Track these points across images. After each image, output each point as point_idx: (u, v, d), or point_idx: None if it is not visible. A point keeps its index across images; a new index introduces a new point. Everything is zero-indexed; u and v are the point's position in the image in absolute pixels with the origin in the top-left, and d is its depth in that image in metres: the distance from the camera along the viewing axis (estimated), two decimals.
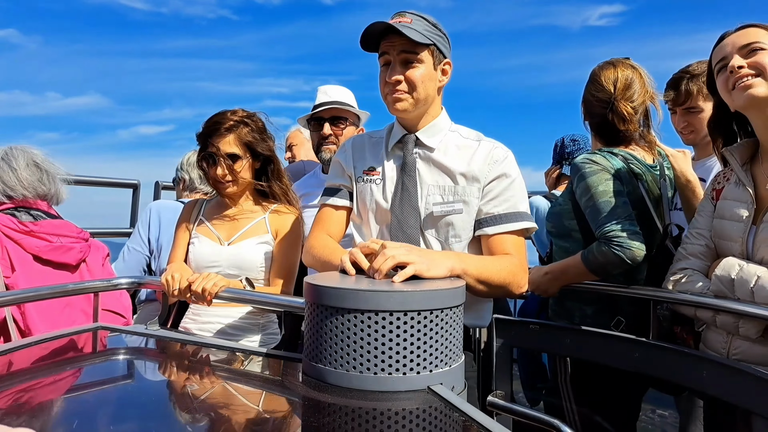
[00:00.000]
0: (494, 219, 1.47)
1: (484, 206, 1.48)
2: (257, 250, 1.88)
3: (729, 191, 1.52)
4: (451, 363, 1.02)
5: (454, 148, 1.53)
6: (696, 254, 1.55)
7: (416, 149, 1.54)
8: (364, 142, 1.64)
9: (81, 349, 1.42)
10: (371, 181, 1.56)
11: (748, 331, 1.37)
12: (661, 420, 2.47)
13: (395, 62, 1.45)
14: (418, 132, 1.54)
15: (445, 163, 1.50)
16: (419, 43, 1.42)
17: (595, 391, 1.85)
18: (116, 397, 1.10)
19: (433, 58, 1.48)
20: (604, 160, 1.78)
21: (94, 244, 1.97)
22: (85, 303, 1.81)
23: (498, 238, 1.46)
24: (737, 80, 1.39)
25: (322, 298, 1.00)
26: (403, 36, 1.40)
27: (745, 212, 1.43)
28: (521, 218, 1.47)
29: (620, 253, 1.59)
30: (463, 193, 1.47)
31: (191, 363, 1.32)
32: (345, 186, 1.61)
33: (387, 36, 1.46)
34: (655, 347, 1.55)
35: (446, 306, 1.00)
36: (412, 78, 1.45)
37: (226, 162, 1.85)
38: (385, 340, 0.96)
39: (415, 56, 1.44)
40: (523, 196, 1.50)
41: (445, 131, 1.56)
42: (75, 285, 1.60)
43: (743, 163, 1.49)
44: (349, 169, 1.61)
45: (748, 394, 1.30)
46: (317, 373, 1.01)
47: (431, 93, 1.50)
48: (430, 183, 1.50)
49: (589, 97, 1.91)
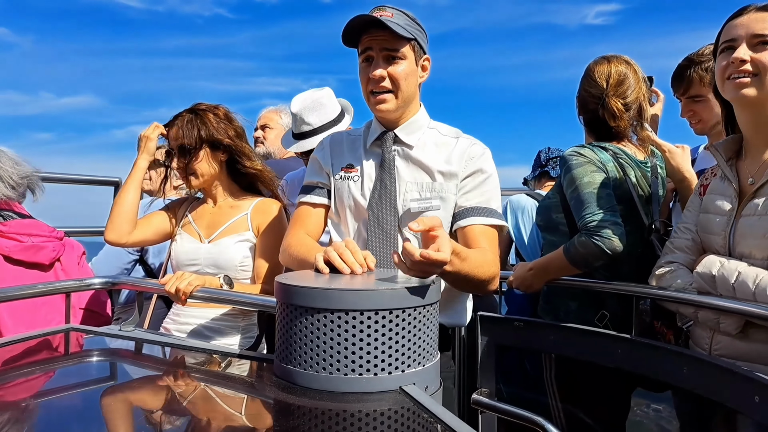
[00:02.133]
0: (468, 211, 1.47)
1: (459, 200, 1.49)
2: (237, 248, 1.84)
3: (714, 186, 1.52)
4: (424, 362, 1.00)
5: (432, 145, 1.53)
6: (682, 248, 1.55)
7: (395, 146, 1.53)
8: (342, 139, 1.63)
9: (51, 351, 1.39)
10: (349, 178, 1.55)
11: (728, 327, 1.36)
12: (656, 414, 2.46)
13: (378, 58, 1.43)
14: (396, 129, 1.53)
15: (423, 160, 1.50)
16: (402, 37, 1.40)
17: (580, 388, 1.84)
18: (86, 400, 1.07)
19: (415, 54, 1.47)
20: (592, 153, 1.77)
21: (69, 243, 1.93)
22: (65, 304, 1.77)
23: (473, 232, 1.46)
24: (734, 73, 1.36)
25: (291, 297, 0.97)
26: (386, 30, 1.38)
27: (728, 206, 1.43)
28: (494, 214, 1.48)
29: (600, 243, 1.58)
30: (440, 190, 1.48)
31: (164, 365, 1.30)
32: (323, 183, 1.60)
33: (368, 30, 1.43)
34: (637, 343, 1.54)
35: (419, 304, 0.98)
36: (395, 74, 1.44)
37: (176, 154, 1.86)
38: (355, 340, 0.94)
39: (398, 51, 1.43)
40: (496, 194, 1.51)
41: (424, 128, 1.55)
42: (45, 285, 1.56)
43: (728, 158, 1.49)
44: (327, 166, 1.60)
45: (726, 390, 1.29)
46: (288, 375, 0.99)
47: (413, 89, 1.49)
48: (409, 180, 1.50)
49: (582, 92, 1.91)
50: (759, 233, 1.33)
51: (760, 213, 1.34)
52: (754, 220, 1.35)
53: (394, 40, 1.41)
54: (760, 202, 1.35)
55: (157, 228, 1.94)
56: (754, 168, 1.42)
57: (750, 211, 1.37)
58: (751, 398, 1.19)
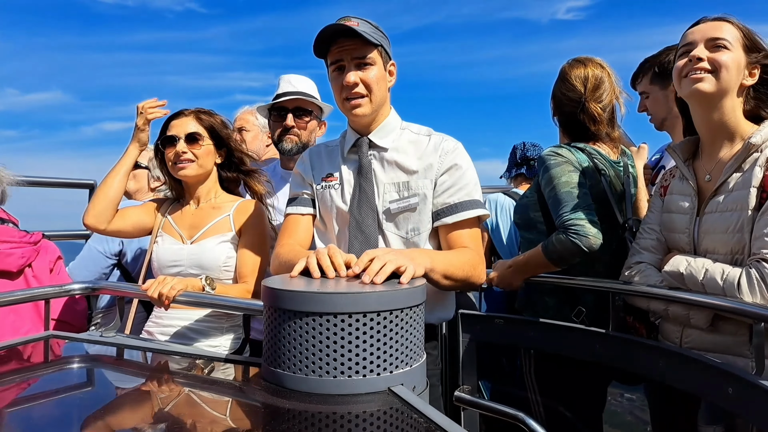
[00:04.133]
0: (451, 209, 1.51)
1: (439, 197, 1.52)
2: (219, 249, 1.84)
3: (674, 186, 1.59)
4: (411, 363, 1.02)
5: (406, 145, 1.58)
6: (648, 248, 1.60)
7: (371, 151, 1.58)
8: (320, 151, 1.69)
9: (31, 359, 1.36)
10: (330, 186, 1.60)
11: (699, 321, 1.41)
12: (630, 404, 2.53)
13: (349, 65, 1.49)
14: (370, 134, 1.58)
15: (398, 160, 1.55)
16: (371, 43, 1.46)
17: (558, 382, 1.88)
18: (68, 408, 1.06)
19: (382, 59, 1.53)
20: (569, 154, 1.82)
21: (44, 246, 1.89)
22: (34, 311, 1.73)
23: (456, 232, 1.51)
24: (691, 70, 1.42)
25: (279, 301, 0.98)
26: (356, 38, 1.45)
27: (688, 204, 1.50)
28: (476, 206, 1.52)
29: (577, 240, 1.62)
30: (416, 187, 1.52)
31: (147, 371, 1.29)
32: (308, 194, 1.65)
33: (337, 41, 1.49)
34: (614, 338, 1.58)
35: (405, 306, 0.99)
36: (368, 79, 1.49)
37: (185, 139, 1.87)
38: (344, 342, 0.95)
39: (367, 58, 1.49)
40: (475, 184, 1.55)
41: (397, 130, 1.61)
42: (24, 292, 1.53)
43: (686, 159, 1.56)
44: (308, 177, 1.65)
45: (700, 382, 1.33)
46: (276, 378, 0.99)
47: (384, 93, 1.55)
48: (386, 181, 1.54)
49: (558, 94, 1.96)
50: (721, 229, 1.39)
51: (721, 209, 1.41)
52: (716, 217, 1.41)
53: (364, 47, 1.48)
54: (720, 199, 1.41)
55: (135, 221, 1.94)
56: (710, 166, 1.48)
57: (712, 208, 1.43)
58: (725, 390, 1.24)
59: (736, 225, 1.36)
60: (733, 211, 1.37)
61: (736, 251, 1.37)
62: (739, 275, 1.31)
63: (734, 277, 1.32)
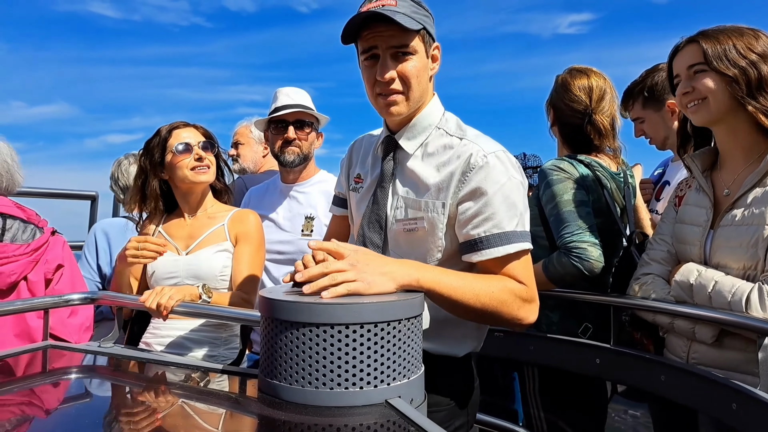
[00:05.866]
0: (475, 244, 1.21)
1: (462, 228, 1.23)
2: (216, 259, 1.85)
3: (690, 197, 1.56)
4: (409, 375, 1.00)
5: (432, 151, 1.31)
6: (658, 260, 1.58)
7: (395, 154, 1.35)
8: (361, 145, 1.50)
9: (29, 369, 1.35)
10: (356, 189, 1.44)
11: (704, 335, 1.39)
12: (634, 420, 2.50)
13: (385, 56, 1.23)
14: (398, 134, 1.34)
15: (417, 170, 1.30)
16: (410, 29, 1.20)
17: (562, 399, 1.86)
18: (65, 418, 1.05)
19: (425, 45, 1.27)
20: (571, 168, 1.79)
21: (44, 255, 1.84)
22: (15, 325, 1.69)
23: (489, 266, 1.22)
24: (686, 104, 1.47)
25: (275, 311, 0.97)
26: (392, 24, 1.18)
27: (703, 217, 1.47)
28: (508, 240, 1.20)
29: (579, 264, 1.61)
30: (426, 208, 1.26)
31: (145, 381, 1.28)
32: (342, 194, 1.56)
33: (369, 25, 1.22)
34: (615, 353, 1.57)
35: (403, 317, 0.98)
36: (406, 72, 1.24)
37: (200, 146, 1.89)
38: (341, 353, 0.93)
39: (407, 47, 1.23)
40: (507, 210, 1.21)
41: (430, 129, 1.33)
42: (23, 302, 1.53)
43: (704, 170, 1.53)
44: (344, 176, 1.55)
45: (703, 397, 1.31)
46: (273, 390, 0.98)
47: (425, 85, 1.30)
48: (401, 194, 1.32)
49: (561, 105, 1.92)
50: (734, 243, 1.36)
51: (736, 224, 1.38)
52: (731, 230, 1.38)
53: (402, 34, 1.21)
54: (737, 213, 1.38)
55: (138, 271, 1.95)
56: (729, 179, 1.46)
57: (727, 222, 1.40)
58: (729, 405, 1.22)
59: (751, 240, 1.33)
60: (749, 225, 1.35)
61: (748, 267, 1.34)
62: (749, 290, 1.29)
63: (743, 292, 1.30)
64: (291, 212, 2.27)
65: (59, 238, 1.96)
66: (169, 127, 1.93)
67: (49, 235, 1.90)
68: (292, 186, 2.31)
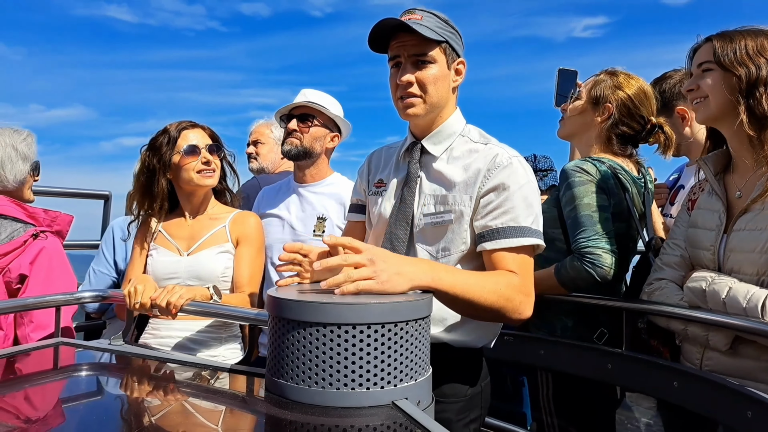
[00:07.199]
0: (492, 233, 1.32)
1: (481, 219, 1.34)
2: (217, 260, 1.86)
3: (702, 201, 1.54)
4: (417, 377, 1.00)
5: (458, 154, 1.43)
6: (671, 264, 1.55)
7: (422, 158, 1.46)
8: (381, 154, 1.61)
9: (40, 366, 1.37)
10: (378, 193, 1.53)
11: (718, 342, 1.36)
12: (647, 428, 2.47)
13: (406, 62, 1.38)
14: (424, 140, 1.45)
15: (444, 171, 1.41)
16: (431, 40, 1.34)
17: (574, 405, 1.83)
18: (76, 414, 1.05)
19: (446, 57, 1.40)
20: (593, 169, 1.76)
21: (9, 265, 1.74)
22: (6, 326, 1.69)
23: (499, 255, 1.32)
24: (692, 101, 1.47)
25: (283, 311, 0.97)
26: (414, 34, 1.33)
27: (716, 221, 1.44)
28: (521, 234, 1.31)
29: (592, 270, 1.58)
30: (454, 203, 1.37)
31: (154, 379, 1.28)
32: (361, 201, 1.62)
33: (396, 36, 1.38)
34: (627, 358, 1.54)
35: (411, 318, 0.98)
36: (424, 79, 1.37)
37: (207, 149, 1.90)
38: (348, 354, 0.93)
39: (426, 55, 1.37)
40: (525, 208, 1.33)
41: (454, 136, 1.45)
42: (35, 299, 1.54)
43: (716, 173, 1.51)
44: (363, 183, 1.61)
45: (717, 405, 1.29)
46: (279, 390, 0.98)
47: (444, 94, 1.41)
48: (428, 193, 1.42)
49: (632, 107, 1.87)
50: (749, 248, 1.34)
51: (750, 228, 1.35)
52: (745, 235, 1.36)
53: (423, 44, 1.35)
54: (751, 217, 1.36)
55: None
56: (741, 182, 1.43)
57: (741, 226, 1.37)
58: (743, 413, 1.19)
59: (765, 244, 1.31)
60: (764, 230, 1.32)
61: (763, 272, 1.31)
62: (765, 297, 1.26)
63: (759, 298, 1.27)
64: (304, 212, 2.27)
65: (37, 244, 1.81)
66: (177, 126, 1.93)
67: (22, 243, 1.77)
68: (305, 186, 2.31)
